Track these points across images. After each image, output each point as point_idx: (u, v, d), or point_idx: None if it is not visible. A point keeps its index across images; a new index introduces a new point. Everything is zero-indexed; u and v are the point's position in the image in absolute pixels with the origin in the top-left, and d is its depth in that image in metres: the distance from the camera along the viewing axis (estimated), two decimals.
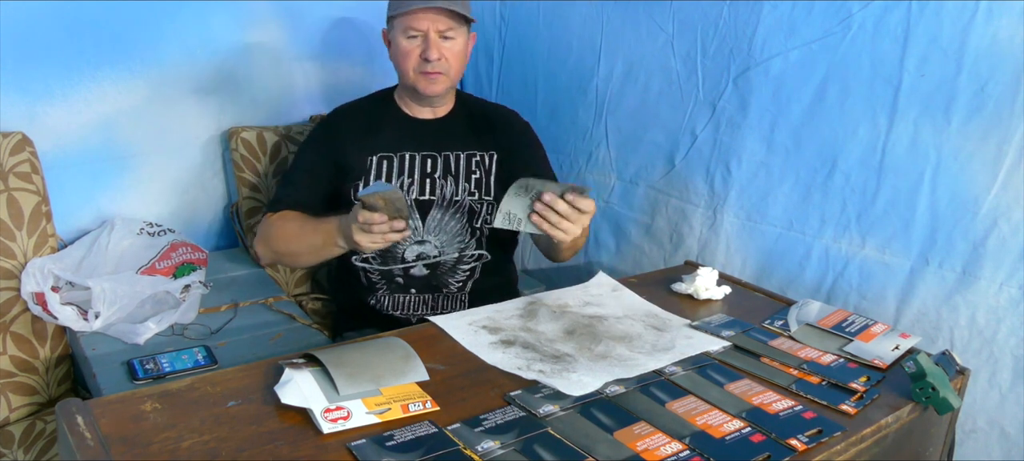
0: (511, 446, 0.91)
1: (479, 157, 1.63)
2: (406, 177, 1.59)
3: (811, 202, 1.59)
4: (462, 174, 1.61)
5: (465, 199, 1.60)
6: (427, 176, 1.59)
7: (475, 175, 1.61)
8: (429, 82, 1.54)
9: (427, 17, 1.49)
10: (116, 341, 1.46)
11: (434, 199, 1.59)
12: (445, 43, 1.52)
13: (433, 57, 1.50)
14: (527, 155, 1.68)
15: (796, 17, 1.56)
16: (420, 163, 1.60)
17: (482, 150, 1.63)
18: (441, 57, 1.51)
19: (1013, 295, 1.32)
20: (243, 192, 1.88)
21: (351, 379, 0.99)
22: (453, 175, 1.60)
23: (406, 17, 1.49)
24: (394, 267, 1.59)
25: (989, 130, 1.33)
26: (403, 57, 1.53)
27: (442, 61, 1.52)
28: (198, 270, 1.66)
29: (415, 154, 1.60)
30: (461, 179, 1.60)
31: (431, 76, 1.53)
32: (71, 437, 0.86)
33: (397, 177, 1.58)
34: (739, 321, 1.34)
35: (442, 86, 1.55)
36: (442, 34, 1.51)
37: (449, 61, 1.53)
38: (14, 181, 1.54)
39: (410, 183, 1.58)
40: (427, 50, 1.50)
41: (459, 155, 1.61)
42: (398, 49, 1.54)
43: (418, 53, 1.51)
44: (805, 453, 0.96)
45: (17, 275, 1.52)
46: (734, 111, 1.69)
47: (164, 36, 1.79)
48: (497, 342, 1.19)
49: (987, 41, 1.31)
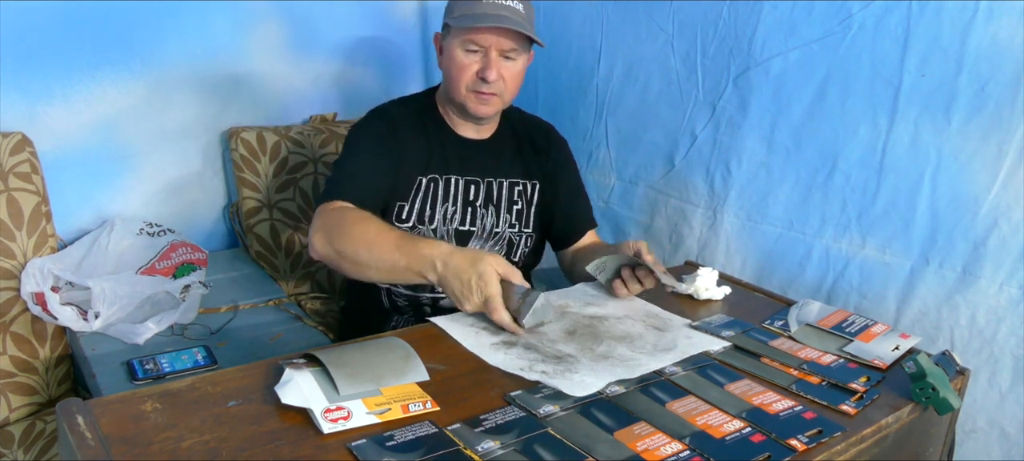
0: (511, 446, 0.91)
1: (522, 186, 1.55)
2: (450, 205, 1.49)
3: (811, 202, 1.59)
4: (504, 204, 1.53)
5: (505, 231, 1.53)
6: (469, 204, 1.50)
7: (517, 206, 1.54)
8: (481, 102, 1.43)
9: (492, 34, 1.37)
10: (116, 341, 1.46)
11: (474, 230, 1.51)
12: (505, 63, 1.41)
13: (491, 78, 1.39)
14: (565, 178, 1.60)
15: (796, 17, 1.56)
16: (463, 189, 1.50)
17: (525, 178, 1.56)
18: (499, 78, 1.40)
19: (1013, 295, 1.32)
20: (243, 192, 1.88)
21: (351, 379, 0.99)
22: (494, 204, 1.52)
23: (469, 31, 1.38)
24: (423, 295, 1.51)
25: (989, 130, 1.33)
26: (458, 70, 1.41)
27: (499, 83, 1.41)
28: (198, 270, 1.66)
29: (459, 178, 1.50)
30: (502, 209, 1.53)
31: (485, 97, 1.42)
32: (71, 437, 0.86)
33: (442, 204, 1.48)
34: (739, 321, 1.34)
35: (494, 108, 1.46)
36: (504, 53, 1.40)
37: (506, 83, 1.42)
38: (14, 181, 1.54)
39: (454, 212, 1.49)
40: (486, 70, 1.38)
41: (503, 183, 1.53)
42: (453, 60, 1.41)
43: (475, 71, 1.40)
44: (805, 453, 0.95)
45: (17, 275, 1.52)
46: (734, 111, 1.69)
47: (164, 36, 1.79)
48: (499, 343, 1.19)
49: (987, 41, 1.31)
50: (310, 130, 2.00)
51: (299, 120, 2.06)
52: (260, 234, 1.89)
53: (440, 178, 1.48)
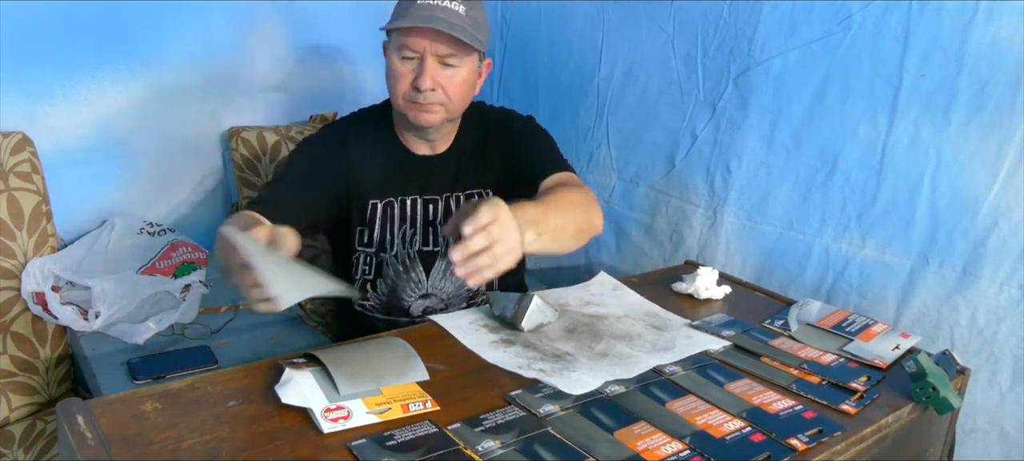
0: (511, 446, 0.91)
1: (477, 197, 1.46)
2: (408, 226, 1.42)
3: (811, 202, 1.59)
4: None
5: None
6: (430, 224, 1.43)
7: None
8: (421, 111, 1.31)
9: (425, 38, 1.26)
10: (116, 341, 1.46)
11: (438, 250, 1.45)
12: (443, 70, 1.29)
13: (425, 86, 1.27)
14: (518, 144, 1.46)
15: (796, 17, 1.56)
16: (421, 209, 1.43)
17: (482, 186, 1.46)
18: (436, 86, 1.29)
19: (1013, 295, 1.32)
20: (243, 192, 1.88)
21: (351, 379, 0.99)
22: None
23: (402, 34, 1.28)
24: (400, 319, 1.48)
25: (989, 130, 1.33)
26: (393, 79, 1.31)
27: (438, 92, 1.30)
28: (198, 270, 1.66)
29: (417, 197, 1.42)
30: None
31: (423, 106, 1.30)
32: (72, 437, 0.86)
33: (400, 226, 1.42)
34: (739, 321, 1.34)
35: (437, 117, 1.33)
36: (442, 59, 1.29)
37: (447, 91, 1.30)
38: (14, 181, 1.54)
39: (413, 233, 1.43)
40: (420, 77, 1.27)
41: (461, 197, 1.45)
42: (389, 69, 1.32)
43: (410, 80, 1.29)
44: (805, 453, 0.96)
45: (17, 275, 1.52)
46: (734, 111, 1.69)
47: (164, 36, 1.79)
48: (498, 341, 1.19)
49: (987, 41, 1.31)
50: (310, 130, 1.99)
51: (299, 120, 2.06)
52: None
53: (395, 200, 1.41)
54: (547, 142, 1.48)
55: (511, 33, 2.23)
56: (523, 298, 1.24)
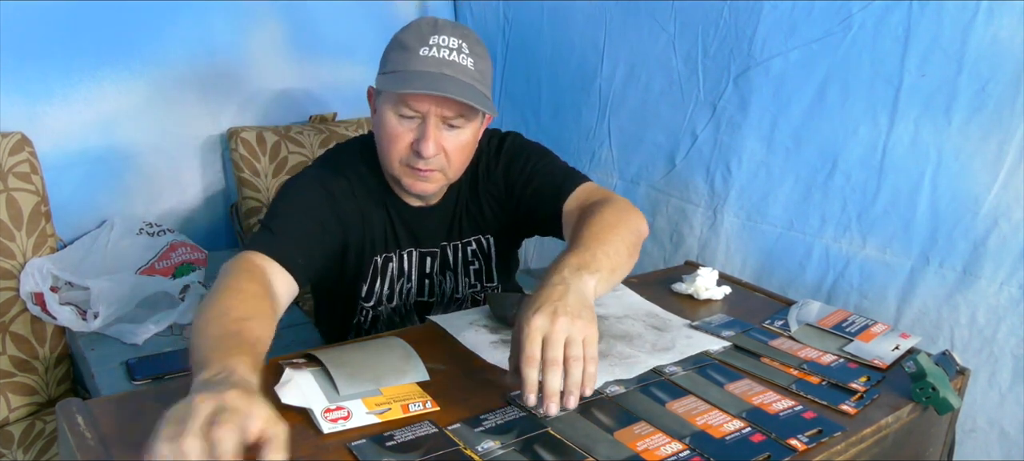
0: (511, 446, 0.90)
1: (475, 245, 1.35)
2: (405, 280, 1.32)
3: (811, 202, 1.59)
4: (461, 269, 1.36)
5: (466, 293, 1.38)
6: (426, 276, 1.34)
7: (474, 266, 1.36)
8: (417, 179, 1.17)
9: (429, 99, 1.11)
10: (115, 341, 1.46)
11: (433, 300, 1.37)
12: (448, 133, 1.14)
13: (428, 153, 1.12)
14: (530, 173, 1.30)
15: (796, 17, 1.56)
16: (418, 261, 1.32)
17: (479, 233, 1.35)
18: (439, 151, 1.14)
19: (1013, 295, 1.32)
20: (243, 192, 1.88)
21: (351, 379, 0.99)
22: (451, 270, 1.35)
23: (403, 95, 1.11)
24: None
25: (990, 130, 1.33)
26: (388, 140, 1.14)
27: (440, 156, 1.15)
28: (197, 270, 1.66)
29: (412, 250, 1.31)
30: (460, 274, 1.36)
31: (422, 173, 1.16)
32: (71, 437, 0.85)
33: (399, 280, 1.32)
34: (739, 321, 1.34)
35: (435, 185, 1.20)
36: (447, 121, 1.13)
37: (449, 156, 1.16)
38: (13, 181, 1.54)
39: (409, 288, 1.33)
40: (422, 141, 1.12)
41: (457, 246, 1.34)
42: (383, 127, 1.15)
43: (409, 142, 1.13)
44: (805, 453, 0.95)
45: (16, 275, 1.52)
46: (734, 111, 1.69)
47: (164, 36, 1.79)
48: (498, 341, 1.19)
49: (988, 41, 1.31)
50: (310, 130, 2.00)
51: (299, 120, 2.06)
52: None
53: (393, 255, 1.30)
54: (545, 158, 1.33)
55: (513, 33, 2.23)
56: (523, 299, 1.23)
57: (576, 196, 1.23)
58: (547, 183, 1.27)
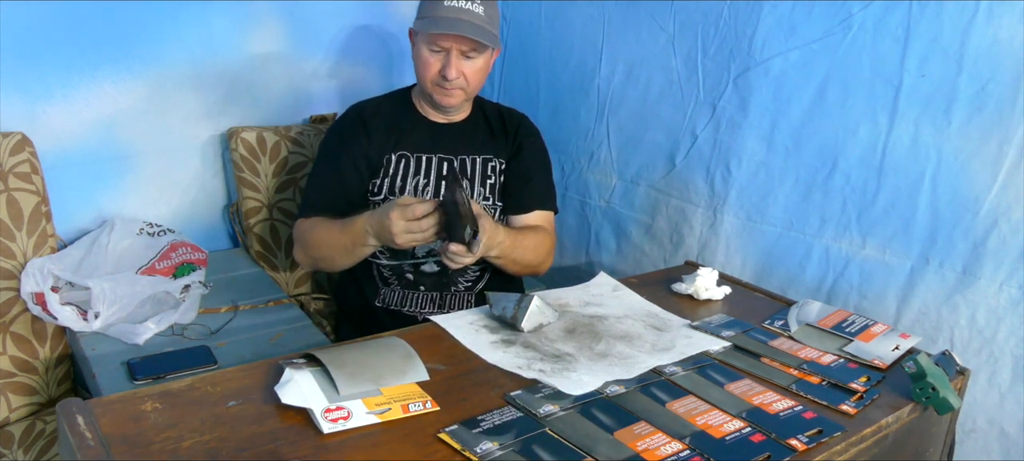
0: (510, 447, 0.91)
1: (495, 163, 1.67)
2: (422, 177, 1.62)
3: (811, 202, 1.59)
4: (478, 178, 1.65)
5: (480, 203, 1.62)
6: (442, 178, 1.62)
7: (490, 180, 1.66)
8: (445, 94, 1.58)
9: (451, 36, 1.51)
10: (116, 341, 1.46)
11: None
12: (466, 61, 1.55)
13: (451, 76, 1.53)
14: (525, 158, 1.69)
15: (796, 17, 1.56)
16: (437, 165, 1.63)
17: (496, 156, 1.68)
18: (459, 75, 1.55)
19: (1013, 295, 1.32)
20: (243, 192, 1.88)
21: (351, 379, 0.99)
22: (469, 178, 1.64)
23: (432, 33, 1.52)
24: (404, 262, 1.61)
25: (989, 130, 1.33)
26: (424, 66, 1.56)
27: (460, 79, 1.55)
28: (198, 270, 1.66)
29: (432, 156, 1.63)
30: (477, 184, 1.65)
31: (448, 89, 1.56)
32: (72, 437, 0.86)
33: (413, 177, 1.61)
34: (739, 321, 1.34)
35: (458, 100, 1.60)
36: (464, 53, 1.54)
37: (468, 79, 1.56)
38: (14, 181, 1.54)
39: (426, 184, 1.62)
40: (447, 68, 1.53)
41: (476, 159, 1.66)
42: (419, 58, 1.57)
43: (438, 68, 1.55)
44: (805, 453, 0.96)
45: (17, 275, 1.52)
46: (734, 111, 1.69)
47: (164, 36, 1.79)
48: (498, 341, 1.19)
49: (988, 41, 1.31)
50: (310, 130, 2.00)
51: (299, 120, 2.06)
52: (260, 234, 1.89)
53: (411, 156, 1.63)
54: (547, 173, 1.74)
55: (512, 33, 2.23)
56: (523, 299, 1.24)
57: (544, 216, 1.69)
58: (536, 189, 1.69)
